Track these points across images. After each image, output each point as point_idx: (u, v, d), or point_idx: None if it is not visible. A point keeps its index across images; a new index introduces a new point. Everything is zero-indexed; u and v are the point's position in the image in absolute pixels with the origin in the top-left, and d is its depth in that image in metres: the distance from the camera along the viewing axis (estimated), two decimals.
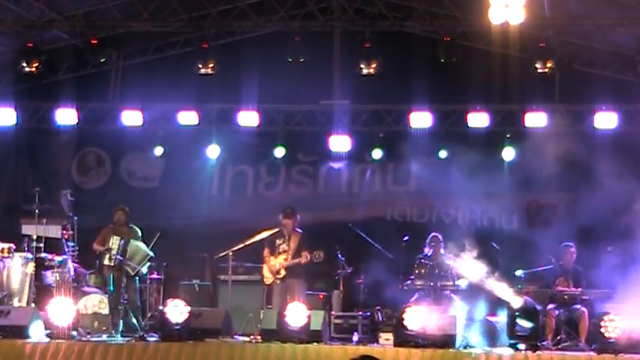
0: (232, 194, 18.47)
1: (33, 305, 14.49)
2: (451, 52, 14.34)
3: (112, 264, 14.56)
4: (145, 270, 14.86)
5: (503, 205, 17.68)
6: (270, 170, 18.41)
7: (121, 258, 14.48)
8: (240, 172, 18.53)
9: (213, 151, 17.90)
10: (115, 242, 14.55)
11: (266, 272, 14.70)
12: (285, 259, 14.50)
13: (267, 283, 14.75)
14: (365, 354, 6.90)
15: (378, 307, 15.05)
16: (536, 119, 16.70)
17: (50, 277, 15.23)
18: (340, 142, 17.53)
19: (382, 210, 17.95)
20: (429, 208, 17.83)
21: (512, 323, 13.49)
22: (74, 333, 13.51)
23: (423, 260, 14.83)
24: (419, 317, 13.31)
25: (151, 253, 14.85)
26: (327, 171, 18.32)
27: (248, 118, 17.24)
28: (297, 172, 18.44)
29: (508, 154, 17.28)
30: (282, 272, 14.49)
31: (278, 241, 14.66)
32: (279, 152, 17.80)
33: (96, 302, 15.18)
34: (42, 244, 15.35)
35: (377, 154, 17.65)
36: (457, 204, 17.80)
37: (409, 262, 14.97)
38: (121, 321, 14.31)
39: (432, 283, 14.53)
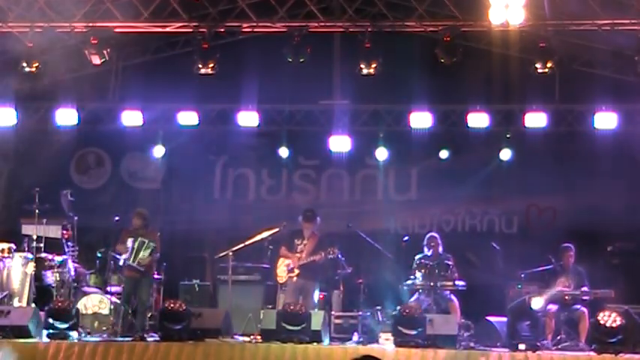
0: (234, 198, 18.44)
1: (33, 305, 14.49)
2: (451, 52, 14.32)
3: (129, 263, 14.61)
4: (147, 260, 14.78)
5: (504, 207, 17.67)
6: (272, 173, 18.40)
7: (134, 259, 14.57)
8: (242, 174, 18.51)
9: (213, 152, 17.90)
10: (129, 244, 14.65)
11: (280, 271, 14.71)
12: (299, 258, 14.54)
13: (280, 281, 14.77)
14: (365, 354, 6.90)
15: (378, 307, 15.05)
16: (536, 119, 16.68)
17: (50, 277, 15.24)
18: (340, 143, 17.51)
19: (385, 222, 17.85)
20: (430, 217, 17.81)
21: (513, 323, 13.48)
22: (74, 333, 13.53)
23: (423, 260, 14.84)
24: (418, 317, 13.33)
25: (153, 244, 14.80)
26: (329, 177, 18.33)
27: (248, 119, 17.22)
28: (299, 177, 18.41)
29: (507, 155, 17.26)
30: (296, 271, 14.52)
31: (296, 241, 14.73)
32: (283, 153, 17.78)
33: (96, 302, 15.17)
34: (42, 244, 15.36)
35: (380, 155, 17.61)
36: (457, 209, 17.79)
37: (409, 262, 14.97)
38: (121, 321, 14.31)
39: (432, 283, 14.53)
